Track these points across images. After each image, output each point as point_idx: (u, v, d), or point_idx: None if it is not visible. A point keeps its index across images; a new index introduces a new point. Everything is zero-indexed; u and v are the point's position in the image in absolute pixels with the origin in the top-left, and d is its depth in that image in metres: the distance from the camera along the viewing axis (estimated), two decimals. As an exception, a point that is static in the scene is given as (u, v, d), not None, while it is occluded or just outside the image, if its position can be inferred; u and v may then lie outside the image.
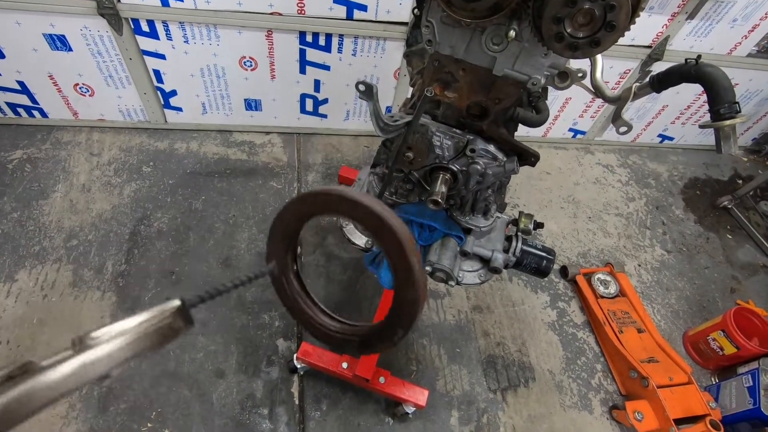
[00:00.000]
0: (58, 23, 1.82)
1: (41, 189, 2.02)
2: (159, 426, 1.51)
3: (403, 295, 0.56)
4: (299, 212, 0.61)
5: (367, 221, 0.54)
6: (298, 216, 0.61)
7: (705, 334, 1.96)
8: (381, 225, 0.53)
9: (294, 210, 0.61)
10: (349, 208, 0.55)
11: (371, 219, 0.54)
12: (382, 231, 0.53)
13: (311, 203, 0.59)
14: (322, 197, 0.57)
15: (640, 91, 0.88)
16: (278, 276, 0.68)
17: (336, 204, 0.56)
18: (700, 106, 2.71)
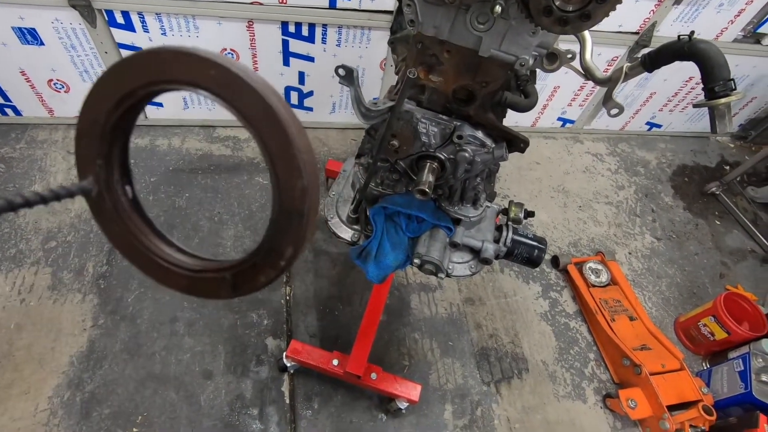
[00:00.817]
0: (28, 16, 1.75)
1: (16, 190, 1.95)
2: (145, 430, 1.46)
3: (286, 191, 0.39)
4: (118, 91, 0.43)
5: (210, 82, 0.38)
6: (118, 97, 0.43)
7: (696, 320, 1.96)
8: (229, 83, 0.37)
9: (109, 83, 0.43)
10: (185, 69, 0.39)
11: (216, 78, 0.37)
12: (233, 93, 0.38)
13: (131, 73, 0.42)
14: (145, 58, 0.40)
15: (632, 71, 0.86)
16: (99, 198, 0.48)
17: (167, 67, 0.39)
18: (688, 93, 2.71)
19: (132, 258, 0.54)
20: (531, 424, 1.69)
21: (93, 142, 0.47)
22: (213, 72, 0.38)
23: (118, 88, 0.43)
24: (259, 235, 0.57)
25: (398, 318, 1.85)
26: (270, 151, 0.39)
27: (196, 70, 0.39)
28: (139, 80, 0.42)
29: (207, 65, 0.38)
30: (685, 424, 1.62)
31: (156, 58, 0.40)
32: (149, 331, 1.65)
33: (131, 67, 0.42)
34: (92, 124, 0.46)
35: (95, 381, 1.52)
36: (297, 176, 0.39)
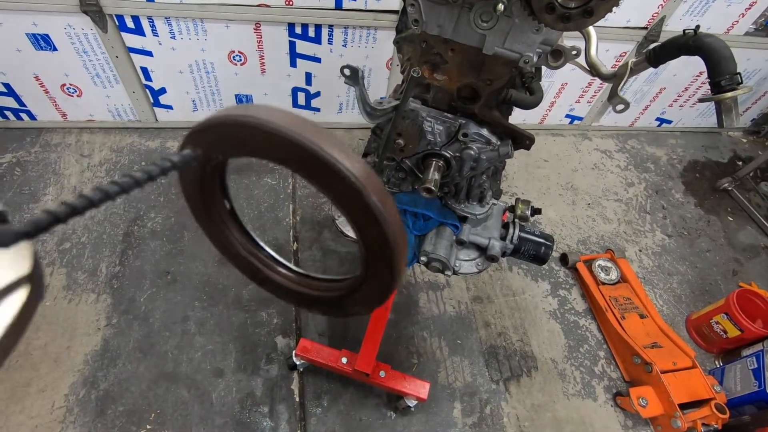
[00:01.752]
0: (41, 22, 1.79)
1: (32, 192, 2.00)
2: (158, 427, 1.49)
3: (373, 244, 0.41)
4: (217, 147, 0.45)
5: (297, 163, 0.38)
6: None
7: (708, 318, 1.94)
8: (316, 164, 0.36)
9: (216, 136, 0.45)
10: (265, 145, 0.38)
11: (303, 159, 0.36)
12: (319, 172, 0.37)
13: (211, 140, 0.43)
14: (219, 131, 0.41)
15: (637, 66, 0.85)
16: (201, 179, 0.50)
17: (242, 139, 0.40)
18: (698, 88, 2.68)
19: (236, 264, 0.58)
20: (540, 423, 1.68)
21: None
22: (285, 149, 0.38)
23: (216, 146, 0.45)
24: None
25: (406, 316, 1.86)
26: (354, 220, 0.42)
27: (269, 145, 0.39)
28: (241, 150, 0.44)
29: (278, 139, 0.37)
30: (698, 422, 1.60)
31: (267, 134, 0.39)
32: (161, 330, 1.68)
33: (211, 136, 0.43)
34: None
35: (109, 379, 1.55)
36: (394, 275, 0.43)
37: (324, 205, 2.16)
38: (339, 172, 0.37)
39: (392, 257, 0.42)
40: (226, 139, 0.43)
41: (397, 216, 0.41)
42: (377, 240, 0.41)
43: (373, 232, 0.41)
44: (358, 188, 0.37)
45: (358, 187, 0.37)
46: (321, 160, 0.36)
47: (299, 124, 0.37)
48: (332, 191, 0.40)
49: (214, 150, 0.45)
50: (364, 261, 0.45)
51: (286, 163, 0.40)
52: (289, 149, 0.37)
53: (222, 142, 0.43)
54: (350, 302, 0.52)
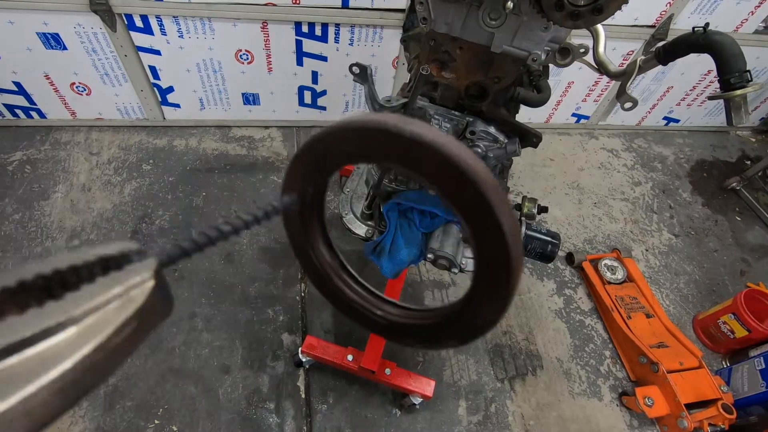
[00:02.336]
0: (52, 21, 1.81)
1: (42, 190, 2.02)
2: (166, 422, 1.50)
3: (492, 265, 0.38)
4: (323, 156, 0.44)
5: (424, 169, 0.36)
6: (322, 163, 0.44)
7: (715, 318, 1.93)
8: (451, 171, 0.34)
9: (320, 151, 0.44)
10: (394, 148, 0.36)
11: (435, 165, 0.35)
12: (452, 180, 0.35)
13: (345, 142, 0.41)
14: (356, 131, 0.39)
15: (646, 64, 0.85)
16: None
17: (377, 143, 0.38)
18: (706, 86, 2.66)
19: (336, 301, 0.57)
20: (546, 421, 1.68)
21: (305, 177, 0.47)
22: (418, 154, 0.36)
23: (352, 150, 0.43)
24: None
25: (412, 314, 1.86)
26: (476, 236, 0.38)
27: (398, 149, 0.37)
28: (370, 153, 0.41)
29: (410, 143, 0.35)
30: (704, 422, 1.60)
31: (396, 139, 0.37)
32: (169, 327, 1.69)
33: (368, 137, 0.40)
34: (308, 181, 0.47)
35: (118, 374, 1.57)
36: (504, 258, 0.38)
37: (330, 203, 2.17)
38: (475, 185, 0.35)
39: (509, 276, 0.39)
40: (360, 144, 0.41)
41: (518, 232, 0.39)
42: (497, 257, 0.38)
43: (494, 250, 0.38)
44: (490, 202, 0.35)
45: (490, 200, 0.35)
46: (458, 169, 0.35)
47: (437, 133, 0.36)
48: (458, 201, 0.38)
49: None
50: (475, 280, 0.42)
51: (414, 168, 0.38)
52: (431, 158, 0.36)
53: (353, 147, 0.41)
54: (452, 328, 0.48)
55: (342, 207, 1.24)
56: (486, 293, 0.42)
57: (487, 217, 0.36)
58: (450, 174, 0.36)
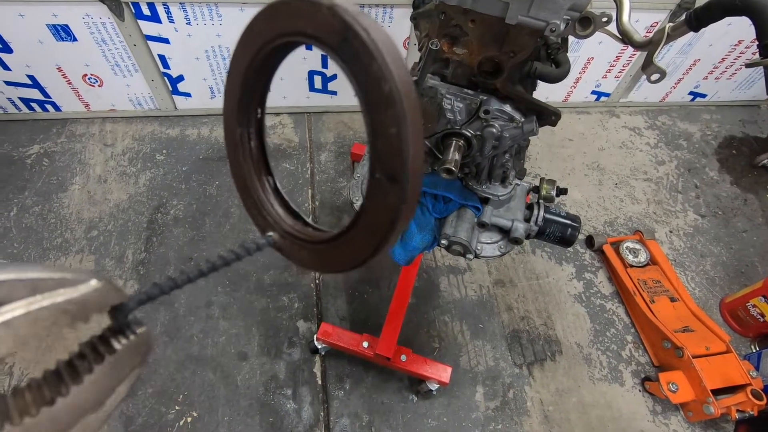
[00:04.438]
0: (61, 12, 1.80)
1: (60, 182, 2.05)
2: (186, 408, 1.53)
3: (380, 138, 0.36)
4: (250, 50, 0.44)
5: (317, 29, 0.35)
6: (249, 58, 0.44)
7: (744, 301, 1.85)
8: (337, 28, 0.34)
9: (244, 48, 0.44)
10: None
11: (324, 25, 0.35)
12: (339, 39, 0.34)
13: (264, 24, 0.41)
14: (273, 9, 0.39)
15: (675, 31, 0.79)
16: (280, 242, 0.50)
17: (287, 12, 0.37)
18: (737, 58, 2.51)
19: (307, 265, 0.54)
20: (565, 407, 1.65)
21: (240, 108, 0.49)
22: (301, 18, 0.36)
23: (258, 42, 0.43)
24: None
25: (427, 301, 1.85)
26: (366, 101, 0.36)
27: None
28: (270, 30, 0.41)
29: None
30: (732, 408, 1.55)
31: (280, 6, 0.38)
32: (186, 315, 1.72)
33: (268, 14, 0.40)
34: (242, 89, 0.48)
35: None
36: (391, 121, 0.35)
37: (343, 190, 2.15)
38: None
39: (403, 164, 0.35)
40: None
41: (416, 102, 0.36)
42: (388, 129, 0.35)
43: (383, 114, 0.35)
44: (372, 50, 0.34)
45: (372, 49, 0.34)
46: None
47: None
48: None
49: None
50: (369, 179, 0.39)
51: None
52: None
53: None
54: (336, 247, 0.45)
55: (353, 193, 1.21)
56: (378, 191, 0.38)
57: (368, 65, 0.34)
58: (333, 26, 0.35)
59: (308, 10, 0.36)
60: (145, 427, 1.48)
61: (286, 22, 0.39)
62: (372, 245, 0.40)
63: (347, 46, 0.35)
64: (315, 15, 0.36)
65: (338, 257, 0.45)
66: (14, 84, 2.07)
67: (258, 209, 0.54)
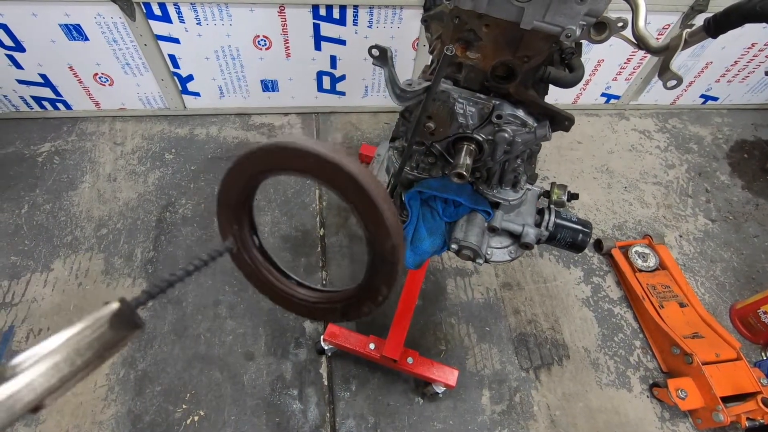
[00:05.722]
0: (73, 12, 1.81)
1: (70, 180, 2.07)
2: (193, 407, 1.54)
3: (379, 246, 0.51)
4: (243, 174, 0.55)
5: (318, 172, 0.48)
6: (243, 180, 0.56)
7: (755, 307, 1.83)
8: (334, 172, 0.47)
9: (236, 173, 0.56)
10: (296, 161, 0.48)
11: (322, 168, 0.47)
12: (336, 179, 0.47)
13: (253, 162, 0.53)
14: (260, 154, 0.51)
15: (692, 37, 0.78)
16: (238, 252, 0.63)
17: (279, 159, 0.50)
18: (750, 61, 2.48)
19: (265, 292, 0.69)
20: (572, 412, 1.64)
21: (229, 212, 0.61)
22: (312, 161, 0.47)
23: (244, 175, 0.56)
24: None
25: (434, 303, 1.84)
26: (364, 221, 0.51)
27: (299, 160, 0.49)
28: (259, 168, 0.54)
29: (307, 156, 0.47)
30: (742, 416, 1.53)
31: (270, 153, 0.51)
32: (194, 314, 1.72)
33: (253, 160, 0.53)
34: (227, 200, 0.60)
35: (147, 360, 1.61)
36: (387, 237, 0.50)
37: (350, 191, 2.15)
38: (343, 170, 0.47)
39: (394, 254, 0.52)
40: (267, 161, 0.53)
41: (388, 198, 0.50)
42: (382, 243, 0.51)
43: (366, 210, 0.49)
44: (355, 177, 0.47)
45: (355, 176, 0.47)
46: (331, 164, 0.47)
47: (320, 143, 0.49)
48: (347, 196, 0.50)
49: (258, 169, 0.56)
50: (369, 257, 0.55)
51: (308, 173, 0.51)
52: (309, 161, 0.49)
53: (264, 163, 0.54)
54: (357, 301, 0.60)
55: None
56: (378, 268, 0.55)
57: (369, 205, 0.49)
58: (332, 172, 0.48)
59: (326, 167, 0.48)
60: (153, 426, 1.49)
61: (306, 165, 0.49)
62: (374, 303, 0.59)
63: (362, 212, 0.50)
64: (336, 175, 0.48)
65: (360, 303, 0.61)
66: (26, 82, 2.08)
67: (289, 301, 0.69)
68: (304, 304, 0.66)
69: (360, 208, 0.49)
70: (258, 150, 0.50)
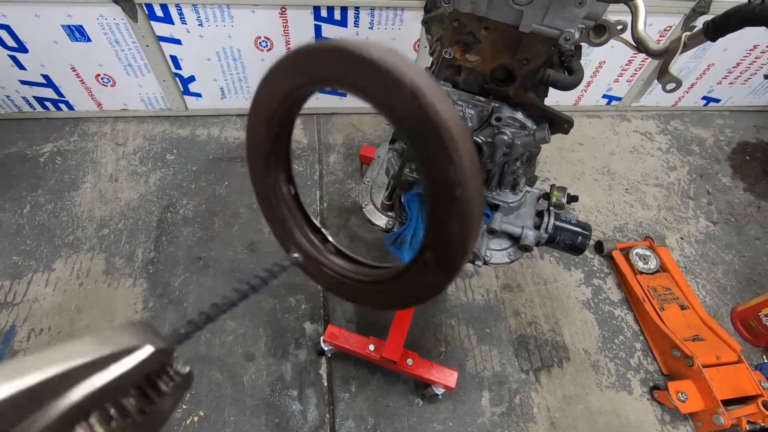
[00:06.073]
0: (75, 13, 1.82)
1: (72, 180, 2.08)
2: (194, 407, 1.54)
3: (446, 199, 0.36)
4: (280, 90, 0.45)
5: (371, 89, 0.36)
6: (281, 96, 0.45)
7: (756, 310, 1.82)
8: (396, 89, 0.34)
9: (273, 86, 0.45)
10: (348, 68, 0.37)
11: (379, 83, 0.35)
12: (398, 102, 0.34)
13: (295, 69, 0.42)
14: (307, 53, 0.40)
15: (691, 41, 0.78)
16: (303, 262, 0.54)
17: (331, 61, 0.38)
18: (752, 63, 2.48)
19: (337, 292, 0.59)
20: (572, 414, 1.64)
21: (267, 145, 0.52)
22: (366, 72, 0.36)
23: (289, 86, 0.45)
24: None
25: (434, 304, 1.84)
26: (427, 170, 0.37)
27: (352, 69, 0.37)
28: (306, 77, 0.43)
29: (361, 63, 0.36)
30: (742, 419, 1.52)
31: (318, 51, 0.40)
32: (195, 314, 1.72)
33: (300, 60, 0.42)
34: (269, 125, 0.51)
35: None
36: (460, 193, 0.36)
37: (351, 192, 2.15)
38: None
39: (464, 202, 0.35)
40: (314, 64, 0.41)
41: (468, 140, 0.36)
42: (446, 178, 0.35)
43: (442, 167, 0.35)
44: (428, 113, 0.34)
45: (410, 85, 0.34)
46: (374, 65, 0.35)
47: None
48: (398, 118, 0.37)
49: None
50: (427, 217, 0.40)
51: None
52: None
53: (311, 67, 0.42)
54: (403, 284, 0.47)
55: (362, 197, 1.21)
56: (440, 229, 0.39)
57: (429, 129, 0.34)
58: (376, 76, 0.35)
59: (390, 82, 0.34)
60: (153, 426, 1.49)
61: (358, 76, 0.37)
62: (402, 305, 0.47)
63: (422, 136, 0.35)
64: (395, 91, 0.34)
65: (406, 292, 0.48)
66: (29, 83, 2.10)
67: (319, 269, 0.58)
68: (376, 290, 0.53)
69: (425, 148, 0.36)
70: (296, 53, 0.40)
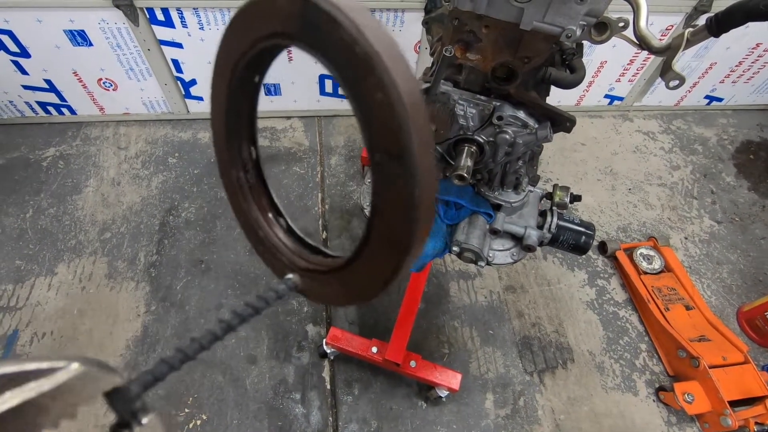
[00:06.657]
0: (77, 18, 1.83)
1: (74, 184, 2.08)
2: (196, 411, 1.54)
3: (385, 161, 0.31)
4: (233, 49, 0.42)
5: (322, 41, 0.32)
6: (234, 56, 0.42)
7: (763, 310, 1.80)
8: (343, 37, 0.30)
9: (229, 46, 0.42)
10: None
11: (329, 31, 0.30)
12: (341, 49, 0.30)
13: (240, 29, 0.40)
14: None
15: (694, 37, 0.77)
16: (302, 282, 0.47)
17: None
18: (755, 61, 2.46)
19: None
20: (577, 416, 1.63)
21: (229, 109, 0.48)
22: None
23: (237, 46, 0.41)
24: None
25: (437, 306, 1.83)
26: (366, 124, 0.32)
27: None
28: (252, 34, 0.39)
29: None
30: (750, 421, 1.51)
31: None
32: (197, 317, 1.73)
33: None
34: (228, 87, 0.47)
35: (150, 363, 1.61)
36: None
37: (353, 194, 2.15)
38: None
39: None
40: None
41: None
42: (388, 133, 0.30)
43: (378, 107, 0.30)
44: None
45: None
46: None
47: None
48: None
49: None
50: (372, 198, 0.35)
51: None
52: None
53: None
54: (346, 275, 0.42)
55: (363, 199, 1.21)
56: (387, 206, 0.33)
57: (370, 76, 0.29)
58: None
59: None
60: (155, 429, 1.49)
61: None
62: (392, 257, 0.35)
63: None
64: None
65: (361, 281, 0.41)
66: (32, 88, 2.10)
67: (273, 254, 0.52)
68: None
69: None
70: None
